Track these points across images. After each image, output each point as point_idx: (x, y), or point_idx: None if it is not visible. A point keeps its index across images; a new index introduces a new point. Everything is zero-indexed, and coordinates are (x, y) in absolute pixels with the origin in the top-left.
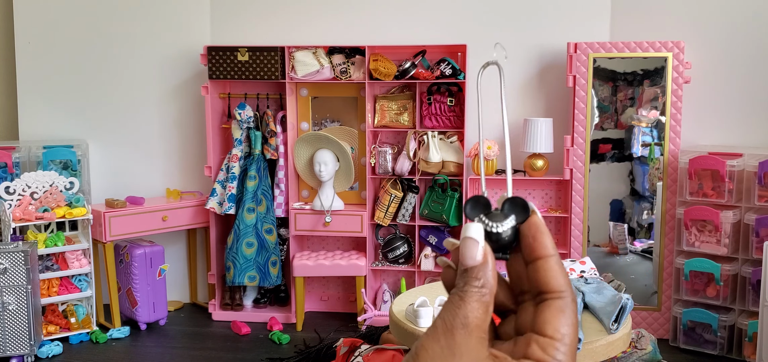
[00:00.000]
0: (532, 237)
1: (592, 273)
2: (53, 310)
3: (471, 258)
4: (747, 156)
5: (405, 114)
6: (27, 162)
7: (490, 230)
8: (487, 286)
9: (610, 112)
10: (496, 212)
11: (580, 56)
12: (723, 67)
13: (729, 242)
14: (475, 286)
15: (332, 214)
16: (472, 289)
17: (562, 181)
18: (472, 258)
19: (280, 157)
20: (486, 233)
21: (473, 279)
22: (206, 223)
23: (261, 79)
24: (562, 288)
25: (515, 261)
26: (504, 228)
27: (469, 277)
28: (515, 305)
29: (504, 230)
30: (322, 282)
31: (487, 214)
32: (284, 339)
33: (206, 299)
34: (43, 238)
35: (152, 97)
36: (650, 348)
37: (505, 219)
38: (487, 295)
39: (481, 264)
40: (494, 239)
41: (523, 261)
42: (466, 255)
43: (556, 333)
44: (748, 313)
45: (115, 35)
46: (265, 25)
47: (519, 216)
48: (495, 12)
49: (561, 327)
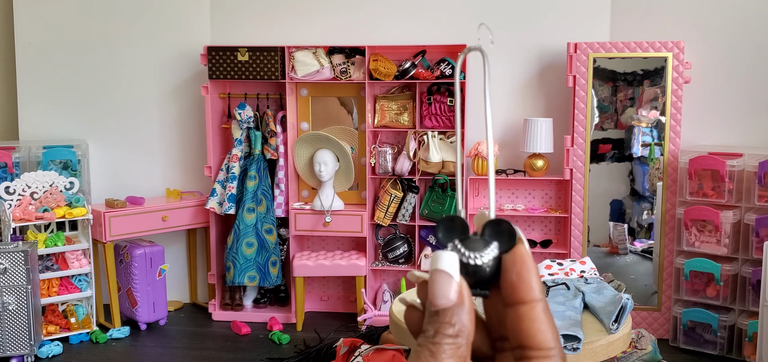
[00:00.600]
0: (517, 275)
1: (592, 274)
2: (53, 310)
3: (443, 297)
4: (747, 156)
5: (405, 114)
6: (27, 162)
7: (467, 261)
8: (464, 334)
9: (610, 112)
10: (476, 238)
11: (580, 56)
12: (723, 67)
13: (729, 242)
14: (449, 335)
15: (332, 214)
16: (445, 340)
17: (562, 181)
18: (445, 298)
19: (280, 157)
20: (462, 265)
21: (446, 325)
22: (206, 223)
23: (261, 79)
24: (549, 346)
25: (496, 298)
26: (485, 260)
27: (441, 323)
28: (492, 351)
29: (485, 262)
30: (322, 282)
31: (464, 240)
32: (284, 339)
33: (206, 299)
34: (43, 238)
35: (152, 97)
36: (650, 348)
37: (486, 248)
38: (463, 347)
39: (455, 305)
40: (472, 272)
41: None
42: (437, 294)
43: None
44: (748, 313)
45: (115, 35)
46: (265, 25)
47: (503, 245)
48: (495, 12)
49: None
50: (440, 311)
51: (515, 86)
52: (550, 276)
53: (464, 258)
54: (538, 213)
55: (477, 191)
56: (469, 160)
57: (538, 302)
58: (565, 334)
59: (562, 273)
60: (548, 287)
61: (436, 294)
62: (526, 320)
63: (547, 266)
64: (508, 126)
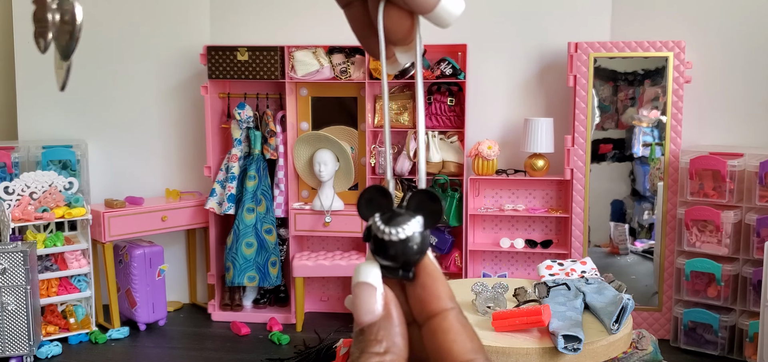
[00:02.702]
0: (421, 287)
1: (593, 274)
2: (52, 311)
3: (368, 312)
4: (748, 156)
5: (405, 114)
6: (26, 162)
7: (388, 238)
8: (394, 351)
9: (611, 112)
10: (399, 211)
11: (581, 56)
12: (724, 66)
13: (730, 242)
14: (376, 354)
15: (332, 214)
16: (372, 359)
17: (562, 181)
18: (369, 312)
19: (280, 156)
20: (384, 244)
21: (372, 342)
22: (206, 223)
23: (261, 78)
24: (468, 357)
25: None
26: (409, 232)
27: (367, 341)
28: None
29: (409, 234)
30: (321, 282)
31: (386, 215)
32: (284, 340)
33: (206, 299)
34: (43, 238)
35: (151, 97)
36: (651, 348)
37: (409, 221)
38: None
39: (381, 319)
40: (395, 251)
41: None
42: (360, 309)
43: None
44: (749, 314)
45: (115, 35)
46: (265, 24)
47: (430, 218)
48: (495, 11)
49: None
50: (365, 328)
51: (516, 86)
52: (550, 276)
53: (382, 234)
54: (539, 214)
55: (477, 191)
56: (470, 160)
57: (449, 310)
58: (566, 335)
59: (563, 274)
60: (549, 287)
61: (360, 310)
62: (440, 333)
63: (548, 266)
64: (509, 126)
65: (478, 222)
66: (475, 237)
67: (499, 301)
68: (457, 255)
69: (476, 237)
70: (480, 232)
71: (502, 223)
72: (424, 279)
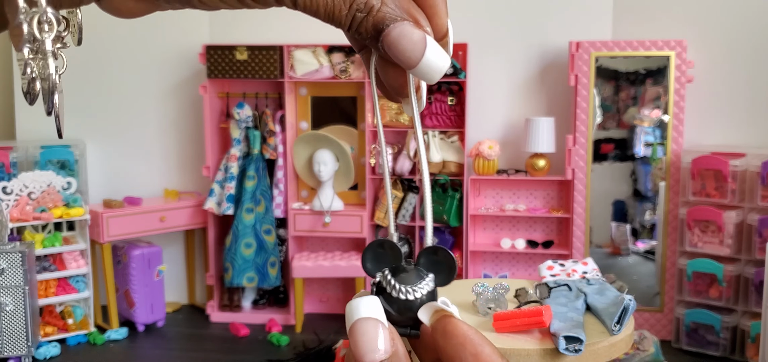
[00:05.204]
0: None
1: (595, 274)
2: (51, 311)
3: (372, 351)
4: (750, 156)
5: (405, 114)
6: (24, 162)
7: (398, 296)
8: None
9: (613, 112)
10: (409, 267)
11: (583, 55)
12: (726, 66)
13: (732, 242)
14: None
15: (332, 215)
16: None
17: (564, 181)
18: (374, 352)
19: (279, 156)
20: (392, 300)
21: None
22: (204, 224)
23: (260, 78)
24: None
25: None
26: (419, 294)
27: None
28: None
29: (419, 296)
30: (321, 283)
31: (395, 270)
32: (283, 341)
33: (204, 300)
34: (41, 239)
35: (150, 97)
36: (653, 349)
37: (421, 281)
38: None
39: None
40: (401, 308)
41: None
42: (362, 349)
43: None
44: (751, 314)
45: (113, 34)
46: (264, 23)
47: (440, 277)
48: (496, 11)
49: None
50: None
51: (517, 85)
52: (551, 277)
53: (395, 292)
54: (540, 214)
55: (478, 191)
56: (470, 160)
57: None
58: (567, 336)
59: (564, 274)
60: (550, 288)
61: (362, 350)
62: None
63: (549, 267)
64: (510, 125)
65: (478, 222)
66: (476, 237)
67: (500, 302)
68: (457, 255)
69: (477, 238)
70: (480, 233)
71: (503, 224)
72: (460, 355)
